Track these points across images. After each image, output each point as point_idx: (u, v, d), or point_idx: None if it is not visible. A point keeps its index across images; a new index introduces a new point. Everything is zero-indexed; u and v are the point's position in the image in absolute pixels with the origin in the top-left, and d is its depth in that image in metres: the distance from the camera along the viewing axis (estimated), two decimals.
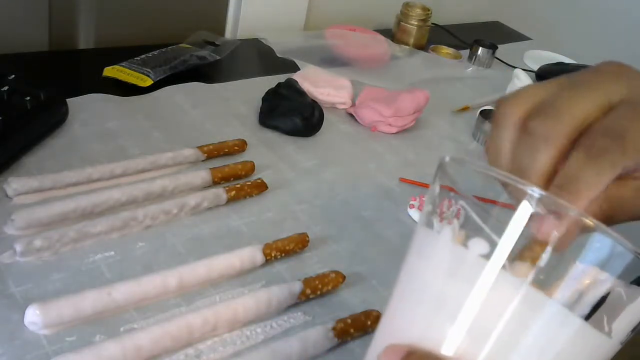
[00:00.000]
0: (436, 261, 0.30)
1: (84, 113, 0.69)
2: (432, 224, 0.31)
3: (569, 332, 0.28)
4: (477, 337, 0.28)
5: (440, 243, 0.30)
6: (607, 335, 0.29)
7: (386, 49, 1.04)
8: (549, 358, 0.28)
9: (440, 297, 0.29)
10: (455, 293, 0.28)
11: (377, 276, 0.57)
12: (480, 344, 0.28)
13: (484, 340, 0.28)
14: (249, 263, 0.54)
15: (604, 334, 0.29)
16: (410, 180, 0.72)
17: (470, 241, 0.29)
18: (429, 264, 0.30)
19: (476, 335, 0.28)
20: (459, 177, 0.32)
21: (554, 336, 0.28)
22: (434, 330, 0.29)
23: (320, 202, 0.65)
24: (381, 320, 0.32)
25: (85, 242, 0.53)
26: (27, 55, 0.81)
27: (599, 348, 0.29)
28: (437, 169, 0.33)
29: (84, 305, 0.46)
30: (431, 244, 0.31)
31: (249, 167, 0.65)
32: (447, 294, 0.29)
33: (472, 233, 0.29)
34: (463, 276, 0.29)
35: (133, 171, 0.61)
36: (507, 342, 0.27)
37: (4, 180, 0.56)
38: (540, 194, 0.28)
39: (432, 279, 0.30)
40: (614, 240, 0.27)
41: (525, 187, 0.28)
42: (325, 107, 0.81)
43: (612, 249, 0.28)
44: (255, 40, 0.99)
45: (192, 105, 0.76)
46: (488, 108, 0.88)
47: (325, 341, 0.48)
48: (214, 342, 0.47)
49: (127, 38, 0.89)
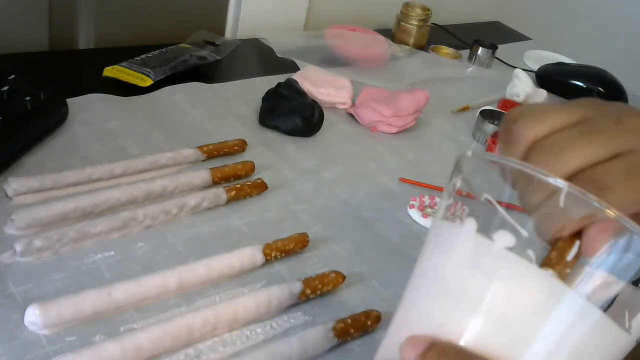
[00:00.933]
0: (458, 253, 0.30)
1: (84, 113, 0.69)
2: (453, 218, 0.31)
3: (590, 324, 0.28)
4: (499, 328, 0.28)
5: (462, 235, 0.30)
6: (626, 331, 0.29)
7: (386, 49, 1.04)
8: (569, 349, 0.28)
9: (463, 289, 0.29)
10: (479, 285, 0.29)
11: (377, 276, 0.57)
12: (502, 336, 0.28)
13: (506, 331, 0.28)
14: (249, 263, 0.54)
15: (624, 330, 0.29)
16: (410, 180, 0.72)
17: (496, 234, 0.29)
18: (451, 257, 0.30)
19: (499, 326, 0.28)
20: (477, 175, 0.32)
21: (576, 328, 0.28)
22: (454, 322, 0.29)
23: (320, 202, 0.65)
24: (395, 314, 0.32)
25: (85, 242, 0.53)
26: (27, 55, 0.81)
27: (617, 343, 0.29)
28: (458, 163, 0.32)
29: (84, 305, 0.46)
30: (452, 237, 0.31)
31: (249, 167, 0.65)
32: (470, 285, 0.29)
33: (495, 226, 0.29)
34: (487, 268, 0.29)
35: (133, 171, 0.61)
36: (529, 334, 0.28)
37: (4, 180, 0.56)
38: (568, 186, 0.28)
39: (453, 271, 0.30)
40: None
41: (552, 180, 0.29)
42: (325, 107, 0.81)
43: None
44: (255, 40, 0.99)
45: (192, 105, 0.76)
46: (488, 108, 0.88)
47: (325, 341, 0.48)
48: (214, 342, 0.47)
49: (127, 38, 0.89)
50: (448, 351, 0.28)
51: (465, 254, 0.30)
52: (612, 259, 0.29)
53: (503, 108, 0.90)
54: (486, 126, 0.84)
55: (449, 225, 0.31)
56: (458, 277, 0.30)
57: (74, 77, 0.80)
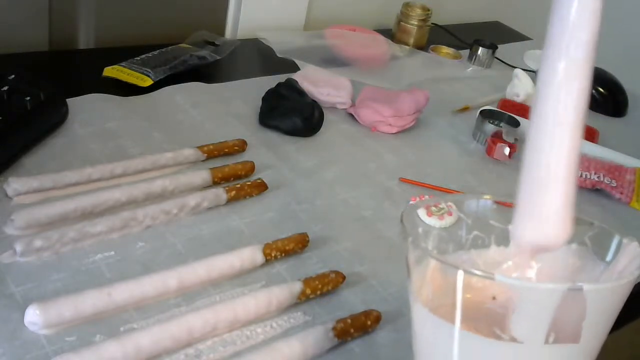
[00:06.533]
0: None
1: (84, 113, 0.69)
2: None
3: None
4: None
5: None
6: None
7: (386, 49, 1.04)
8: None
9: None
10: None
11: (377, 276, 0.57)
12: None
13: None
14: (249, 263, 0.54)
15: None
16: (410, 180, 0.72)
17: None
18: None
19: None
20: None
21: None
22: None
23: (320, 202, 0.65)
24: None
25: (85, 242, 0.53)
26: (27, 55, 0.81)
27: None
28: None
29: (84, 305, 0.46)
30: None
31: (249, 167, 0.65)
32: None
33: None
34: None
35: (133, 171, 0.61)
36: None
37: (4, 180, 0.56)
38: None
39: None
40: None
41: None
42: (325, 107, 0.81)
43: None
44: (255, 40, 0.99)
45: (192, 105, 0.76)
46: (488, 108, 0.88)
47: (325, 341, 0.48)
48: (214, 342, 0.47)
49: (127, 38, 0.89)
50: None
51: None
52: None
53: (503, 108, 0.90)
54: (486, 126, 0.84)
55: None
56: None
57: (74, 77, 0.80)
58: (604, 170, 0.79)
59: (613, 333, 0.38)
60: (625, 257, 0.38)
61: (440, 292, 0.37)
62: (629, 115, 1.03)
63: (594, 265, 0.40)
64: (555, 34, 0.34)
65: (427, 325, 0.38)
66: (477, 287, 0.36)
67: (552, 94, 0.35)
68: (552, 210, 0.36)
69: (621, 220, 0.74)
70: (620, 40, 1.38)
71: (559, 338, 0.34)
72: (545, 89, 0.35)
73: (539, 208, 0.36)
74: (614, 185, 0.77)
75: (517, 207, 0.37)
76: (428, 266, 0.38)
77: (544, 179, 0.35)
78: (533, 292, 0.35)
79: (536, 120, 0.35)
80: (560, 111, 0.35)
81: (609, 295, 0.35)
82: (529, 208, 0.36)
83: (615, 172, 0.79)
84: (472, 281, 0.36)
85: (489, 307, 0.38)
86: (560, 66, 0.34)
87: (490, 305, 0.38)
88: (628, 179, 0.79)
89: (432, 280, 0.37)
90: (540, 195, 0.36)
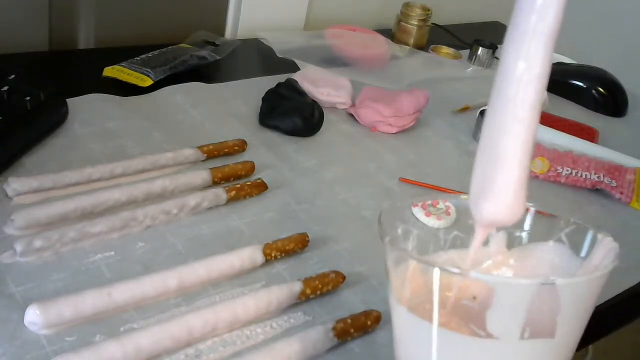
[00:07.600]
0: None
1: (84, 113, 0.69)
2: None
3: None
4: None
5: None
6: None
7: (386, 49, 1.04)
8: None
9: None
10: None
11: (377, 276, 0.57)
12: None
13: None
14: (249, 263, 0.54)
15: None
16: (410, 180, 0.72)
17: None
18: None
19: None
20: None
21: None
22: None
23: (320, 202, 0.65)
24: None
25: (85, 242, 0.53)
26: (27, 55, 0.81)
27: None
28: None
29: (84, 305, 0.46)
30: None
31: (249, 167, 0.65)
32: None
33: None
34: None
35: (133, 171, 0.61)
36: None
37: (4, 180, 0.56)
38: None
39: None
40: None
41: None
42: (325, 107, 0.81)
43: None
44: (255, 40, 0.99)
45: (192, 105, 0.76)
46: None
47: (325, 341, 0.48)
48: (214, 342, 0.47)
49: (127, 38, 0.89)
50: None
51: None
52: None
53: None
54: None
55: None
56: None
57: (74, 77, 0.81)
58: (604, 170, 0.79)
59: (615, 333, 0.38)
60: (601, 252, 0.39)
61: (419, 292, 0.37)
62: (629, 115, 1.03)
63: (571, 261, 0.40)
64: (517, 33, 0.35)
65: (406, 325, 0.38)
66: (457, 286, 0.37)
67: (511, 91, 0.36)
68: (508, 188, 0.36)
69: (621, 220, 0.74)
70: (620, 40, 1.38)
71: (535, 333, 0.35)
72: (504, 85, 0.37)
73: (496, 185, 0.36)
74: (614, 185, 0.77)
75: (474, 185, 0.38)
76: (407, 267, 0.38)
77: (501, 159, 0.36)
78: (507, 287, 0.36)
79: (494, 107, 0.37)
80: (519, 106, 0.36)
81: (583, 289, 0.35)
82: (487, 185, 0.37)
83: (615, 172, 0.79)
84: (452, 281, 0.37)
85: (470, 305, 0.38)
86: (520, 65, 0.35)
87: (471, 304, 0.38)
88: (628, 179, 0.79)
89: (412, 280, 0.38)
90: (497, 174, 0.36)
